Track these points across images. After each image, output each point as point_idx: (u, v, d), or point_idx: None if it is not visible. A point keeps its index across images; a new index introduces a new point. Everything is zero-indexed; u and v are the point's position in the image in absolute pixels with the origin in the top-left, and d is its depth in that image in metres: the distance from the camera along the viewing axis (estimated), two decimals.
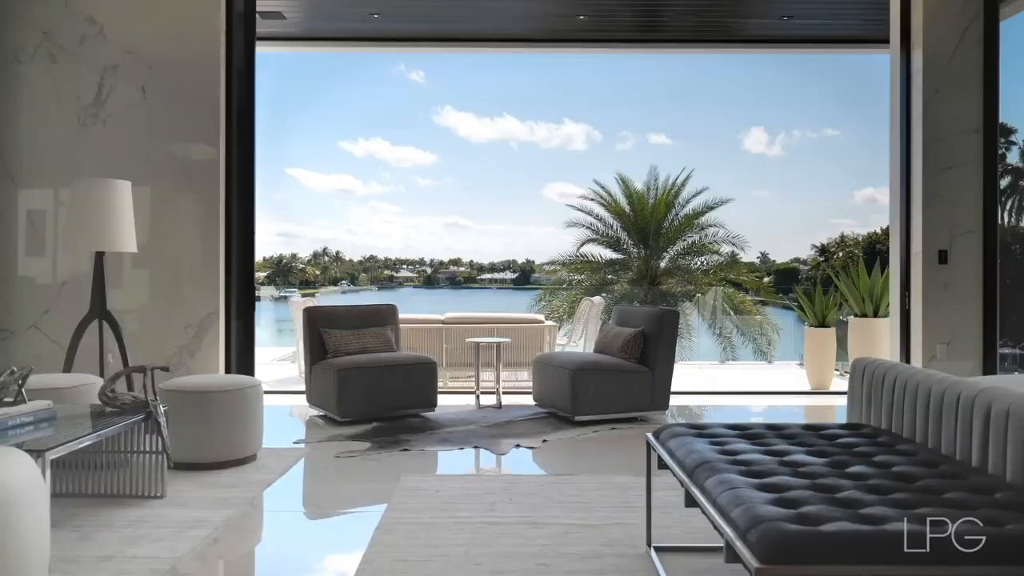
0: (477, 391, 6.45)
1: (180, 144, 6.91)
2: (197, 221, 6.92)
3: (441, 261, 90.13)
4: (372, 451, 4.81)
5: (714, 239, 18.68)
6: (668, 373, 5.83)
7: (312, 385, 6.02)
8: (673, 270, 18.72)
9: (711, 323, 16.37)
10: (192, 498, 3.79)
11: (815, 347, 8.38)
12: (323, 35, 8.14)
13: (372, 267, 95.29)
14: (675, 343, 5.86)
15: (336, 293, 75.49)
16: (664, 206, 18.53)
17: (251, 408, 4.45)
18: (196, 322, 6.87)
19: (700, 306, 16.23)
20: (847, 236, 56.07)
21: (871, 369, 3.26)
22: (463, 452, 4.86)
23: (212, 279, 6.93)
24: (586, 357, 5.88)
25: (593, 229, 18.86)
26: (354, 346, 6.04)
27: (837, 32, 8.27)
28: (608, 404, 5.68)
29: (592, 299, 9.50)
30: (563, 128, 74.36)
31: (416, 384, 5.85)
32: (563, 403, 5.69)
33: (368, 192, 75.78)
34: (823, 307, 8.38)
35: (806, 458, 2.52)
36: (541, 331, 8.26)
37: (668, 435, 2.91)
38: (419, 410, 5.93)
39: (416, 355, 6.08)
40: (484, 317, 8.31)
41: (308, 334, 6.04)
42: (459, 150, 67.77)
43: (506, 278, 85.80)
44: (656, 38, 8.38)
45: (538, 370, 6.10)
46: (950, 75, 7.01)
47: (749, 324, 16.93)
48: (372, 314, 6.35)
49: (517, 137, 66.46)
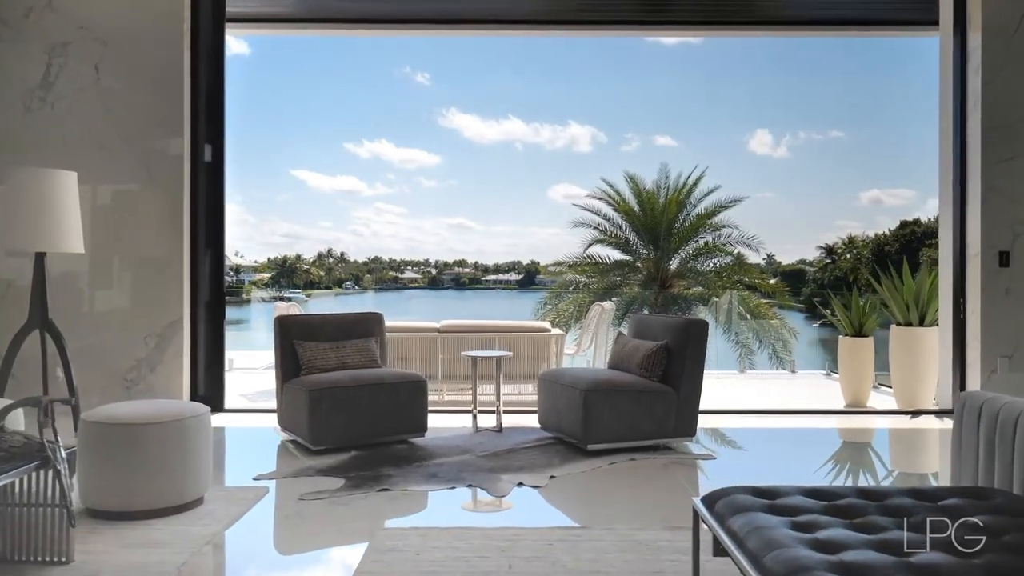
0: (474, 410, 5.64)
1: (139, 131, 6.13)
2: (159, 218, 6.14)
3: (446, 262, 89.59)
4: (345, 491, 4.01)
5: (727, 240, 17.86)
6: (695, 394, 5.01)
7: (283, 406, 5.22)
8: (685, 272, 17.86)
9: (726, 328, 15.53)
10: (107, 563, 2.99)
11: (851, 359, 7.54)
12: (305, 16, 7.31)
13: (376, 268, 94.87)
14: (703, 359, 5.04)
15: (345, 295, 75.04)
16: (676, 205, 17.70)
17: (195, 443, 3.65)
18: (157, 332, 6.09)
19: (715, 310, 15.39)
20: (855, 237, 55.24)
21: (991, 408, 2.44)
22: (454, 492, 4.05)
23: (176, 284, 6.15)
24: (599, 375, 5.06)
25: (601, 230, 18.04)
26: (332, 361, 5.24)
27: (876, 13, 7.42)
28: (626, 430, 4.86)
29: (602, 304, 8.70)
30: (568, 130, 73.53)
31: (403, 406, 5.05)
32: (573, 428, 4.88)
33: (373, 193, 75.06)
34: (860, 314, 7.55)
35: (940, 558, 1.71)
36: (547, 340, 7.45)
37: (727, 507, 2.09)
38: (406, 435, 5.12)
39: (403, 372, 5.27)
40: (484, 325, 7.50)
41: (280, 347, 5.24)
42: (464, 152, 66.97)
43: (511, 279, 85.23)
44: (667, 19, 7.55)
45: (544, 388, 5.29)
46: (1012, 54, 6.18)
47: (765, 329, 16.10)
48: (355, 324, 5.55)
49: (522, 139, 65.60)
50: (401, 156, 75.75)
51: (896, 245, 43.96)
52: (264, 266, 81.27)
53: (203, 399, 6.25)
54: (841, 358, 7.67)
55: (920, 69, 68.59)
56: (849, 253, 52.44)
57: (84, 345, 5.93)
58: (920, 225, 45.65)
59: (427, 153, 77.40)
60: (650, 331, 5.33)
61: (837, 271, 51.84)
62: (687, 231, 17.77)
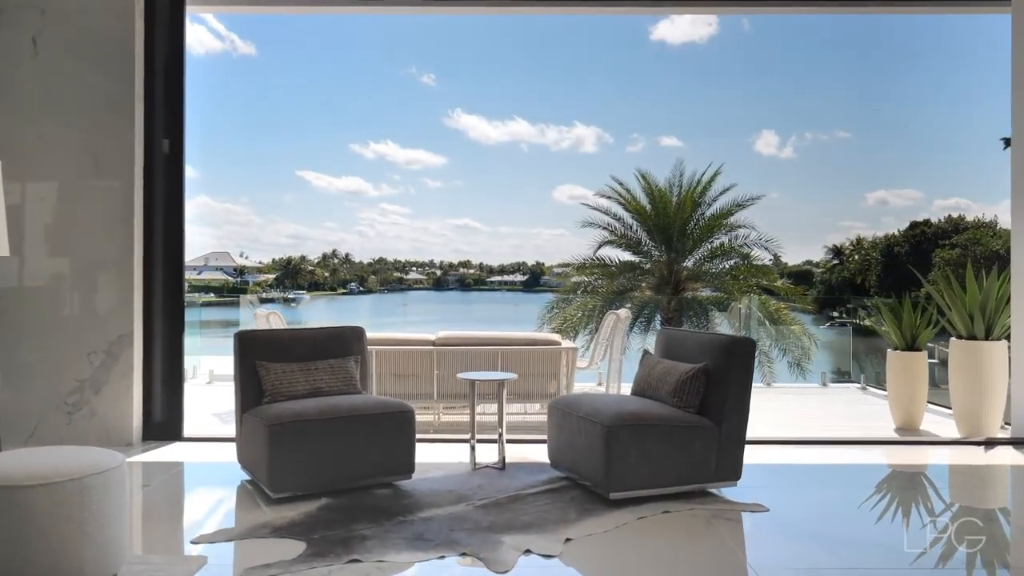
0: (472, 439, 4.75)
1: (83, 115, 5.27)
2: (107, 216, 5.28)
3: (451, 263, 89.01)
4: (304, 562, 3.12)
5: (744, 241, 16.94)
6: (741, 429, 4.12)
7: (241, 440, 4.35)
8: (700, 275, 16.95)
9: (744, 335, 14.62)
10: None
11: (902, 375, 6.63)
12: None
13: (381, 269, 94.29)
14: (750, 385, 4.15)
15: (338, 297, 74.11)
16: (691, 204, 16.79)
17: (102, 506, 2.78)
18: (103, 348, 5.24)
19: (732, 315, 14.48)
20: (863, 238, 54.16)
21: None
22: (443, 565, 3.17)
23: (126, 291, 5.29)
24: (624, 405, 4.16)
25: (611, 230, 17.14)
26: (301, 386, 4.36)
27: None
28: (657, 473, 3.97)
29: (618, 312, 7.80)
30: (574, 130, 72.74)
31: (386, 442, 4.17)
32: (592, 471, 4.00)
33: (378, 194, 74.46)
34: (913, 325, 6.64)
35: None
36: (557, 355, 6.56)
37: None
38: (390, 477, 4.25)
39: (387, 401, 4.39)
40: (485, 337, 6.62)
41: (239, 369, 4.37)
42: (469, 152, 66.25)
43: (516, 280, 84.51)
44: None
45: (556, 419, 4.41)
46: None
47: (784, 335, 15.19)
48: (330, 341, 4.67)
49: (527, 139, 64.84)
50: (406, 157, 75.09)
51: (906, 246, 42.93)
52: (268, 267, 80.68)
53: (159, 426, 5.40)
54: (891, 374, 6.76)
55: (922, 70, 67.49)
56: (857, 254, 51.39)
57: (15, 364, 5.08)
58: (930, 226, 44.56)
59: (432, 154, 76.75)
60: (683, 350, 4.43)
61: (845, 272, 50.83)
62: (702, 231, 16.87)
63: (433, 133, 66.66)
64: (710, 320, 15.33)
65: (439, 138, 66.12)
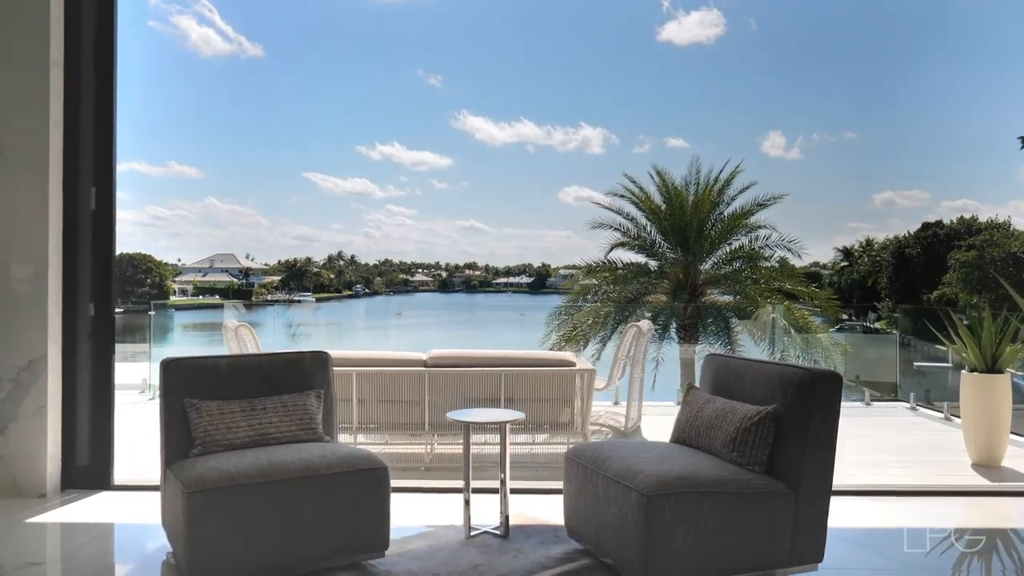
0: (467, 495, 3.72)
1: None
2: (13, 216, 4.28)
3: (456, 265, 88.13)
4: None
5: (765, 243, 15.84)
6: (825, 495, 3.08)
7: (165, 503, 3.33)
8: (719, 278, 15.86)
9: (769, 347, 13.54)
10: None
11: (980, 401, 5.58)
12: None
13: (387, 271, 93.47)
14: (835, 435, 3.10)
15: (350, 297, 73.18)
16: (708, 203, 15.71)
17: None
18: (11, 375, 4.23)
19: (758, 324, 13.41)
20: (873, 240, 52.92)
21: None
22: None
23: (39, 306, 4.27)
24: (666, 462, 3.11)
25: (623, 231, 16.04)
26: (242, 432, 3.34)
27: None
28: (713, 557, 2.93)
29: (639, 325, 6.75)
30: (580, 132, 71.80)
31: (351, 510, 3.14)
32: (624, 553, 2.96)
33: (384, 196, 73.72)
34: (993, 342, 5.59)
35: None
36: (571, 378, 5.53)
37: None
38: (357, 556, 3.22)
39: (354, 454, 3.34)
40: (485, 357, 5.59)
41: (165, 409, 3.36)
42: (476, 154, 65.41)
43: (521, 282, 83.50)
44: None
45: (576, 476, 3.37)
46: None
47: (811, 345, 14.10)
48: (285, 370, 3.63)
49: (534, 141, 63.95)
50: (413, 158, 74.27)
51: (918, 248, 41.78)
52: (274, 269, 79.90)
53: (82, 472, 4.38)
54: (965, 400, 5.71)
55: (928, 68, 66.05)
56: (867, 256, 50.14)
57: None
58: (943, 227, 43.30)
59: (439, 156, 75.88)
60: (742, 385, 3.38)
61: (855, 274, 49.62)
62: (720, 232, 15.78)
63: (439, 134, 65.90)
64: (731, 329, 14.26)
65: (445, 139, 65.38)
